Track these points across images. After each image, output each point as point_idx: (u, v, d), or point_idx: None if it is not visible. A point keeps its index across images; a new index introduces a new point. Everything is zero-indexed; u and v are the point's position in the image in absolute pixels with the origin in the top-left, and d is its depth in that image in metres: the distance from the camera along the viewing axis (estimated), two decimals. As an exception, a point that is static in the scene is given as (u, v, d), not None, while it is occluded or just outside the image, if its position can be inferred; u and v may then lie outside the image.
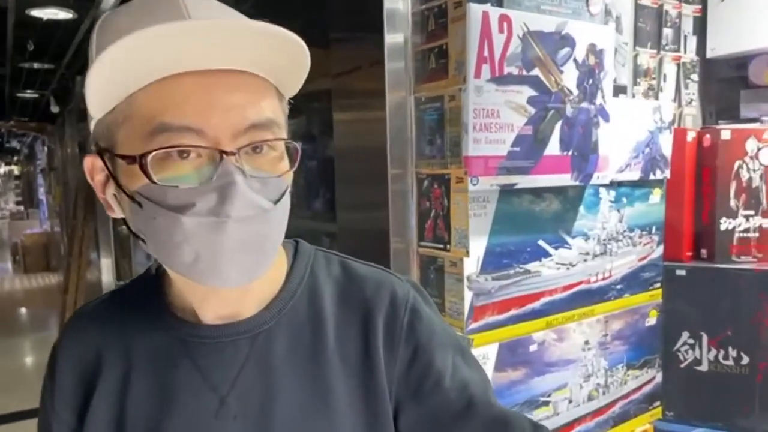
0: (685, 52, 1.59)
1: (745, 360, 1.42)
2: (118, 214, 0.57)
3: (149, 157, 0.49)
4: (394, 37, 0.97)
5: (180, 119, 0.49)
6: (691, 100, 1.62)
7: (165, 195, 0.50)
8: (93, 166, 0.56)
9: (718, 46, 1.62)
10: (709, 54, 1.63)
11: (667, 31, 1.55)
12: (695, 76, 1.63)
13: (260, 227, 0.52)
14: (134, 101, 0.50)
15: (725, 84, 1.68)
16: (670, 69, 1.56)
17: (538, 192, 1.16)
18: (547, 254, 1.19)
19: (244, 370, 0.59)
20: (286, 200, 0.55)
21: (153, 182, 0.49)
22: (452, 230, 0.96)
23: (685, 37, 1.60)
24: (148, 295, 0.64)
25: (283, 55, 0.52)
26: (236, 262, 0.52)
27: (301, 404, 0.59)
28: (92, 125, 0.55)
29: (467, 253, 0.95)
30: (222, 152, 0.49)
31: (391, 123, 0.99)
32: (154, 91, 0.50)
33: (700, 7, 1.62)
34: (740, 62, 1.62)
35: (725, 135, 1.47)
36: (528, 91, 1.07)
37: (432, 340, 0.63)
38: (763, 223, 1.49)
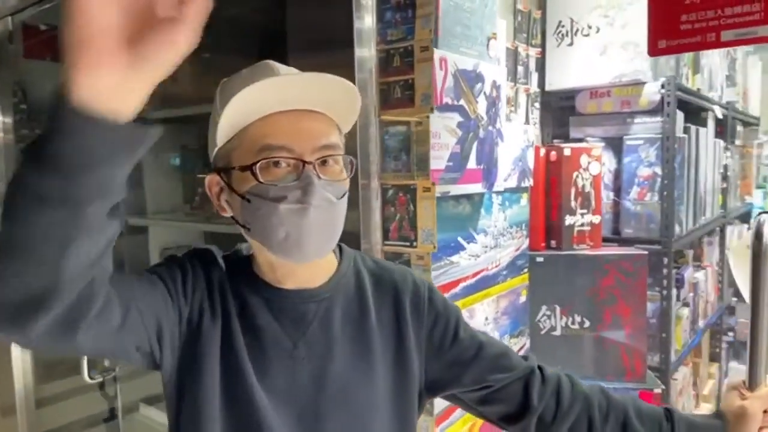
0: (531, 85, 2.01)
1: (587, 324, 1.87)
2: (229, 213, 0.81)
3: (258, 165, 0.73)
4: (362, 74, 1.16)
5: (277, 141, 0.74)
6: (535, 123, 2.05)
7: (267, 191, 0.73)
8: (211, 182, 0.81)
9: (554, 82, 2.07)
10: (547, 87, 2.07)
11: (520, 68, 1.95)
12: (537, 104, 2.06)
13: (329, 215, 0.75)
14: (245, 132, 0.75)
15: (559, 111, 2.16)
16: (522, 98, 1.97)
17: (457, 198, 1.42)
18: (463, 248, 1.47)
19: (312, 326, 0.81)
20: (345, 199, 0.79)
21: (260, 182, 0.73)
22: (419, 230, 1.18)
23: (530, 73, 2.02)
24: (242, 266, 0.85)
25: (343, 99, 0.77)
26: (313, 241, 0.75)
27: (349, 356, 0.82)
28: (212, 155, 0.80)
29: (434, 248, 1.17)
30: (304, 162, 0.74)
31: (360, 141, 1.17)
32: (258, 125, 0.75)
33: (540, 50, 2.05)
34: (569, 95, 2.10)
35: (567, 152, 1.91)
36: (457, 117, 1.33)
37: (446, 309, 0.90)
38: (593, 219, 1.96)
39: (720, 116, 2.61)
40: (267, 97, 0.72)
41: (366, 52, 1.17)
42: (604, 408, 0.87)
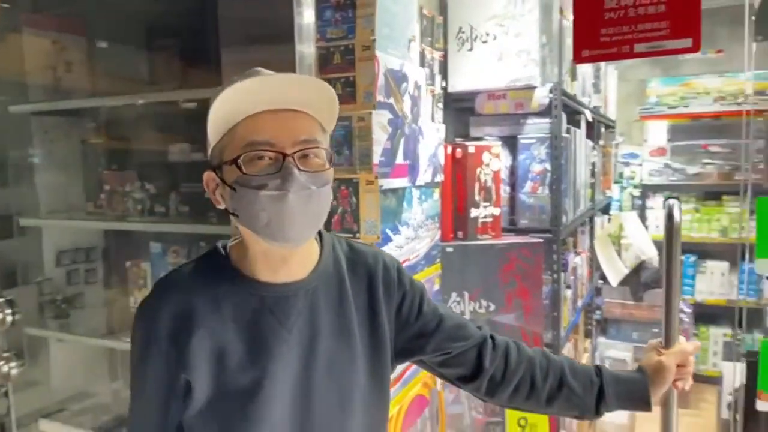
0: (435, 86, 2.14)
1: (492, 307, 2.04)
2: (222, 205, 0.88)
3: (241, 158, 0.82)
4: (303, 70, 1.18)
5: (261, 137, 0.83)
6: (440, 122, 2.19)
7: (250, 181, 0.82)
8: (208, 178, 0.89)
9: (456, 84, 2.22)
10: (449, 89, 2.22)
11: (426, 70, 2.06)
12: (441, 104, 2.20)
13: (309, 200, 0.83)
14: (235, 130, 0.84)
15: (460, 111, 2.31)
16: (428, 98, 2.09)
17: (385, 192, 1.49)
18: (390, 239, 1.54)
19: (301, 314, 0.90)
20: (328, 189, 0.87)
21: (243, 173, 0.81)
22: (361, 222, 1.22)
23: (435, 75, 2.15)
24: (224, 267, 0.91)
25: (321, 100, 0.85)
26: (295, 225, 0.83)
27: (332, 337, 0.91)
28: (209, 153, 0.88)
29: (378, 238, 1.23)
30: (284, 155, 0.82)
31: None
32: (245, 123, 0.83)
33: (443, 53, 2.19)
34: (470, 96, 2.26)
35: (471, 149, 2.06)
36: (388, 114, 1.40)
37: (412, 286, 1.01)
38: (494, 211, 2.14)
39: (590, 119, 2.94)
40: (254, 98, 0.81)
41: (306, 48, 1.20)
42: (544, 368, 1.02)
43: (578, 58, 1.08)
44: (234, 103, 0.81)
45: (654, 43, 0.96)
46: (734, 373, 2.98)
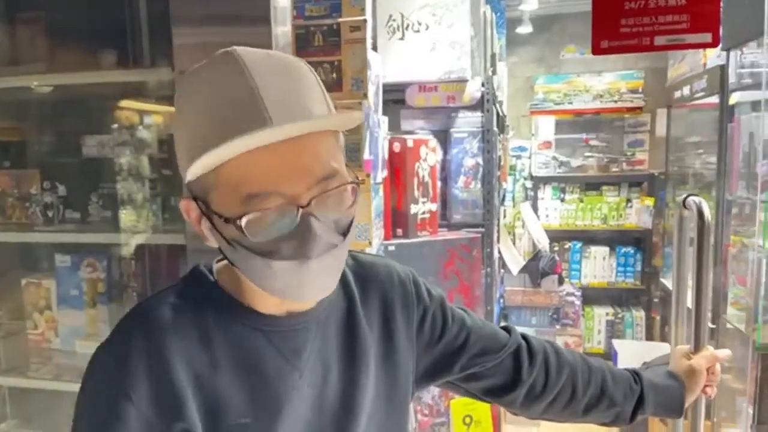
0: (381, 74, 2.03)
1: (435, 305, 1.98)
2: (213, 244, 0.68)
3: (243, 221, 0.60)
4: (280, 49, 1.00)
5: (263, 188, 0.61)
6: (371, 113, 2.08)
7: (256, 246, 0.62)
8: (188, 208, 0.67)
9: (386, 74, 2.12)
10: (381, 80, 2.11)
11: (359, 58, 1.95)
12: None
13: (333, 259, 0.65)
14: (221, 174, 0.61)
15: (392, 104, 2.22)
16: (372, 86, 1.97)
17: (349, 190, 1.36)
18: (370, 243, 1.41)
19: (312, 349, 0.74)
20: (353, 231, 0.69)
21: (245, 236, 0.61)
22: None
23: (366, 64, 2.04)
24: (213, 294, 0.71)
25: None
26: (315, 287, 0.66)
27: (345, 371, 0.76)
28: (184, 173, 0.63)
29: (370, 244, 1.09)
30: (299, 206, 0.61)
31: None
32: (237, 165, 0.60)
33: (372, 41, 2.08)
34: (400, 87, 2.17)
35: (410, 143, 1.98)
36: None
37: (432, 299, 0.87)
38: (431, 207, 2.08)
39: (500, 113, 3.01)
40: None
41: (281, 28, 1.02)
42: (586, 375, 0.94)
43: (597, 50, 1.03)
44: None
45: (674, 37, 0.94)
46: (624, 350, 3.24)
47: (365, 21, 1.06)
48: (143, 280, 1.38)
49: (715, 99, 2.24)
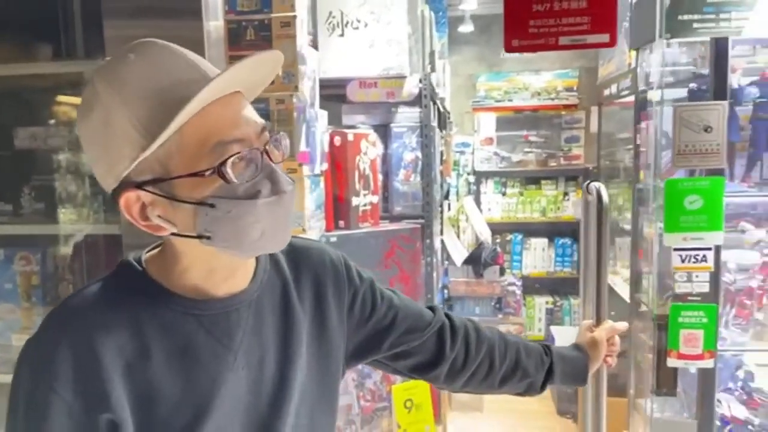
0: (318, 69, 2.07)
1: (376, 294, 2.04)
2: (170, 230, 0.69)
3: (228, 163, 0.65)
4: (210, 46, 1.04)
5: (228, 135, 0.66)
6: (312, 108, 2.12)
7: (237, 190, 0.66)
8: (129, 201, 0.68)
9: (327, 70, 2.16)
10: (321, 75, 2.15)
11: (299, 54, 1.99)
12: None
13: (292, 199, 0.72)
14: (181, 134, 0.65)
15: (331, 98, 2.26)
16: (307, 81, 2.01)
17: (287, 181, 1.40)
18: (303, 230, 1.46)
19: (246, 331, 0.76)
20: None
21: (229, 182, 0.65)
22: (283, 214, 1.12)
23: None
24: (142, 284, 0.73)
25: (269, 75, 0.74)
26: (286, 230, 0.73)
27: (280, 352, 0.79)
28: (119, 170, 0.67)
29: (303, 231, 1.13)
30: (261, 151, 0.68)
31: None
32: (195, 122, 0.65)
33: (312, 38, 2.12)
34: (341, 83, 2.22)
35: (350, 137, 2.04)
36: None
37: (362, 281, 0.92)
38: (372, 199, 2.14)
39: (441, 110, 3.10)
40: (200, 87, 0.64)
41: (213, 22, 1.06)
42: (502, 349, 1.01)
43: (509, 48, 1.11)
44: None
45: (576, 37, 1.03)
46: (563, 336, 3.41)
47: (295, 17, 1.11)
48: (80, 272, 1.38)
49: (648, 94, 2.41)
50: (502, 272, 4.05)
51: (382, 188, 2.28)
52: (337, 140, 2.02)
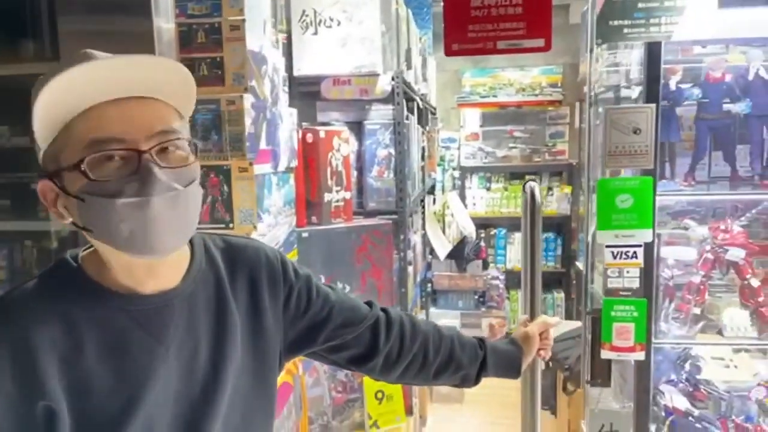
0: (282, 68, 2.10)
1: (347, 288, 2.09)
2: (68, 219, 0.73)
3: (85, 162, 0.68)
4: (162, 46, 1.07)
5: (105, 133, 0.69)
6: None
7: (100, 188, 0.69)
8: (44, 189, 0.73)
9: (302, 68, 2.20)
10: (295, 72, 2.19)
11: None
12: (286, 88, 2.16)
13: (177, 203, 0.71)
14: (70, 130, 0.69)
15: (305, 96, 2.30)
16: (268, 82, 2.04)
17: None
18: (255, 227, 1.49)
19: (178, 326, 0.79)
20: (196, 186, 0.75)
21: (90, 179, 0.68)
22: (235, 211, 1.16)
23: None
24: (77, 281, 0.76)
25: (174, 82, 0.74)
26: (163, 234, 0.71)
27: (213, 346, 0.83)
28: (41, 157, 0.72)
29: (255, 228, 1.17)
30: (140, 152, 0.69)
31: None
32: (82, 119, 0.69)
33: (287, 36, 2.15)
34: (315, 81, 2.25)
35: (322, 134, 2.07)
36: (250, 98, 1.35)
37: (298, 277, 0.95)
38: (345, 195, 2.18)
39: (421, 106, 3.14)
40: (87, 88, 0.68)
41: (164, 23, 1.09)
42: (437, 342, 1.05)
43: (449, 51, 1.15)
44: (65, 95, 0.67)
45: (513, 41, 1.07)
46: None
47: (244, 21, 1.14)
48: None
49: (609, 94, 2.45)
50: (485, 266, 4.10)
51: (356, 184, 2.32)
52: (309, 137, 2.06)
